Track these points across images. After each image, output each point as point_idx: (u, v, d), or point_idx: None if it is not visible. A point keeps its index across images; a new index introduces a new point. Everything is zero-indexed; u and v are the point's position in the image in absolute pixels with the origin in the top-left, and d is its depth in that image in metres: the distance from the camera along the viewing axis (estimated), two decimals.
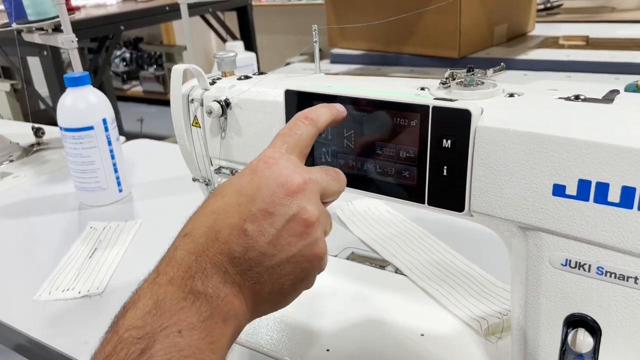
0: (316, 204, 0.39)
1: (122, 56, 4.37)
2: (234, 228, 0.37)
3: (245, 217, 0.37)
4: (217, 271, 0.36)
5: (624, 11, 2.03)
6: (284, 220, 0.37)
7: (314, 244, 0.39)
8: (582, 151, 0.36)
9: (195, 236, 0.37)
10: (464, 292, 0.62)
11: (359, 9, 1.65)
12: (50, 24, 1.09)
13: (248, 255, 0.37)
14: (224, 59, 0.57)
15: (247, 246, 0.37)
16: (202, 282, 0.35)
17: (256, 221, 0.37)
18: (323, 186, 0.40)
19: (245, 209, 0.37)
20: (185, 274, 0.35)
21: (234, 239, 0.37)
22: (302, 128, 0.42)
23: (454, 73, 0.45)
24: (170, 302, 0.34)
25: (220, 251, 0.36)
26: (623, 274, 0.36)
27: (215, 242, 0.37)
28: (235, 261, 0.36)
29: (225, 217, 0.37)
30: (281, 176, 0.38)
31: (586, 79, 1.38)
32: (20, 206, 0.96)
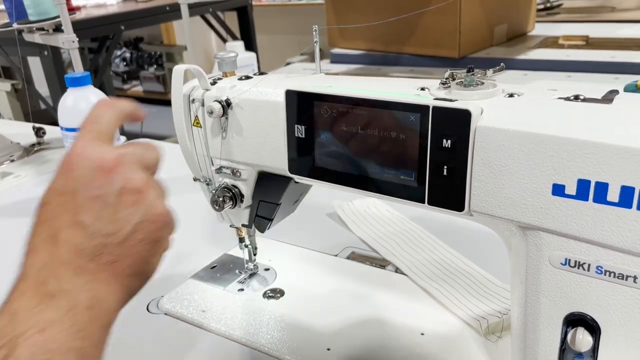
0: (138, 171, 0.40)
1: (122, 56, 4.37)
2: (69, 226, 0.37)
3: (76, 211, 0.37)
4: (68, 267, 0.36)
5: (624, 11, 2.04)
6: (114, 197, 0.38)
7: (152, 205, 0.39)
8: (581, 151, 0.36)
9: (36, 250, 0.38)
10: (464, 291, 0.62)
11: (359, 9, 1.65)
12: (51, 24, 1.09)
13: (93, 242, 0.37)
14: (225, 59, 0.57)
15: (89, 235, 0.37)
16: (56, 282, 0.35)
17: (88, 210, 0.37)
18: (138, 157, 0.41)
19: (72, 204, 0.37)
20: (35, 281, 0.35)
21: (73, 235, 0.37)
22: (102, 115, 0.43)
23: (454, 73, 0.45)
24: (25, 310, 0.34)
25: (65, 251, 0.36)
26: (622, 273, 0.37)
27: (56, 246, 0.37)
28: (84, 252, 0.36)
29: (55, 221, 0.37)
30: (93, 160, 0.39)
31: (586, 79, 1.39)
32: (21, 206, 0.96)
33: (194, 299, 0.65)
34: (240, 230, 0.65)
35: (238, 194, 0.58)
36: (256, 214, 0.59)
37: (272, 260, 0.71)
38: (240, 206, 0.59)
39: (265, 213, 0.59)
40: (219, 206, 0.58)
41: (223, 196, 0.58)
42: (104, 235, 0.37)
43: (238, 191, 0.58)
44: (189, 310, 0.63)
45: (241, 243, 0.66)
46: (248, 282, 0.67)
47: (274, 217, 0.59)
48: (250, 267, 0.69)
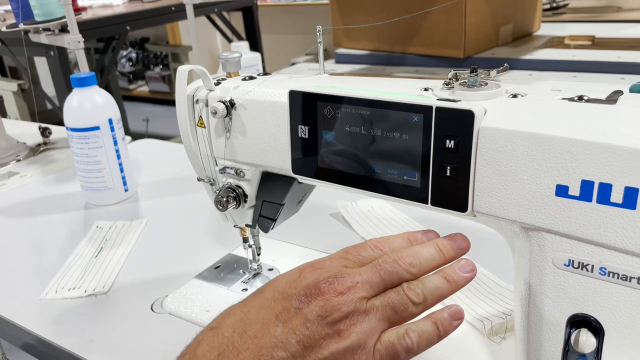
0: (353, 302, 0.36)
1: (128, 56, 4.38)
2: (264, 323, 0.35)
3: (278, 313, 0.35)
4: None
5: (630, 11, 2.03)
6: (318, 321, 0.35)
7: (353, 348, 0.35)
8: (585, 152, 0.36)
9: (221, 329, 0.35)
10: (467, 292, 0.62)
11: (364, 9, 1.65)
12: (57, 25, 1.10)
13: (276, 353, 0.34)
14: (229, 59, 0.57)
15: (277, 342, 0.34)
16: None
17: (289, 319, 0.35)
18: (375, 283, 0.37)
19: (280, 305, 0.36)
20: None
21: (262, 334, 0.34)
22: (367, 252, 0.40)
23: (457, 74, 0.45)
24: None
25: (247, 347, 0.34)
26: (626, 274, 0.37)
27: (242, 336, 0.34)
28: (263, 358, 0.34)
29: (257, 311, 0.36)
30: (321, 278, 0.36)
31: (592, 79, 1.38)
32: (26, 205, 0.96)
33: (198, 299, 0.65)
34: (244, 231, 0.65)
35: (242, 194, 0.58)
36: (260, 214, 0.60)
37: (275, 261, 0.71)
38: (244, 206, 0.59)
39: (269, 213, 0.59)
40: (222, 206, 0.58)
41: (227, 196, 0.58)
42: (289, 352, 0.34)
43: (242, 191, 0.58)
44: (192, 310, 0.63)
45: (245, 243, 0.66)
46: (252, 282, 0.68)
47: (278, 218, 0.59)
48: (254, 267, 0.69)
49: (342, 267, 0.38)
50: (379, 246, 0.40)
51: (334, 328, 0.35)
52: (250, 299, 0.38)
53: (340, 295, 0.36)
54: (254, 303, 0.37)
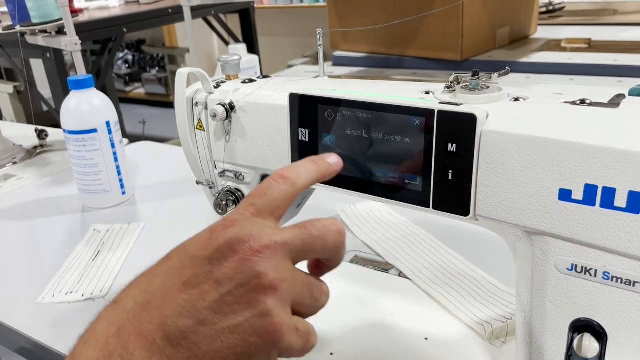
0: (275, 268, 0.33)
1: (124, 58, 4.38)
2: (169, 290, 0.32)
3: (185, 280, 0.32)
4: (142, 343, 0.31)
5: (626, 14, 2.03)
6: (230, 285, 0.32)
7: (266, 314, 0.32)
8: (588, 156, 0.36)
9: (122, 303, 0.33)
10: (467, 295, 0.62)
11: (362, 12, 1.65)
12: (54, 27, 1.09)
13: (182, 322, 0.31)
14: (228, 62, 0.57)
15: (182, 311, 0.31)
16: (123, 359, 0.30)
17: (198, 284, 0.32)
18: (295, 247, 0.34)
19: (188, 271, 0.33)
20: (101, 353, 0.30)
21: (167, 303, 0.32)
22: (274, 189, 0.37)
23: (458, 77, 0.45)
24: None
25: (150, 318, 0.31)
26: (629, 279, 0.36)
27: (144, 307, 0.32)
28: (167, 329, 0.31)
29: (162, 279, 0.33)
30: (235, 239, 0.33)
31: (589, 82, 1.38)
32: (23, 208, 0.96)
33: None
34: None
35: (241, 197, 0.58)
36: None
37: None
38: None
39: None
40: (222, 210, 0.58)
41: (226, 200, 0.57)
42: (197, 319, 0.31)
43: (241, 195, 0.58)
44: None
45: None
46: None
47: None
48: None
49: (255, 221, 0.35)
50: (286, 174, 0.37)
51: (248, 292, 0.32)
52: (157, 267, 0.35)
53: (256, 255, 0.33)
54: (159, 271, 0.34)
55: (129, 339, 0.31)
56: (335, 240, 0.36)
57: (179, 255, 0.35)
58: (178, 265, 0.34)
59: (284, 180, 0.37)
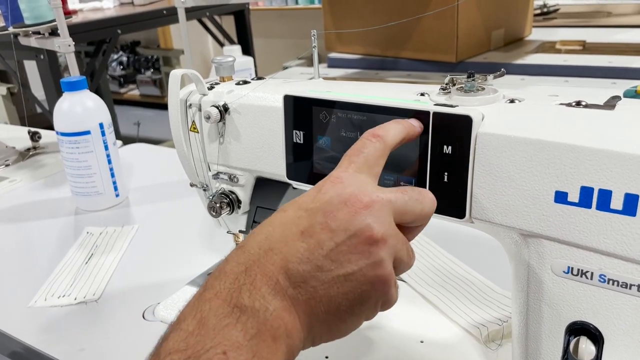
0: (384, 223, 0.36)
1: (119, 60, 4.36)
2: (289, 239, 0.35)
3: (303, 229, 0.35)
4: (267, 281, 0.33)
5: (620, 16, 2.04)
6: (344, 235, 0.35)
7: (378, 264, 0.35)
8: (584, 158, 0.35)
9: (248, 247, 0.36)
10: (463, 298, 0.62)
11: (357, 14, 1.65)
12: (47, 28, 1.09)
13: (302, 267, 0.34)
14: (222, 63, 0.56)
15: (302, 257, 0.34)
16: (249, 294, 0.33)
17: (314, 234, 0.35)
18: (397, 206, 0.37)
19: (305, 221, 0.36)
20: (232, 285, 0.33)
21: (288, 250, 0.35)
22: (368, 146, 0.40)
23: (454, 78, 0.44)
24: (214, 319, 0.32)
25: (273, 262, 0.34)
26: (626, 281, 0.36)
27: (268, 253, 0.35)
28: (289, 272, 0.34)
29: (282, 229, 0.36)
30: (345, 193, 0.36)
31: (583, 84, 1.38)
32: (16, 211, 0.95)
33: None
34: (237, 236, 0.64)
35: (235, 199, 0.58)
36: (254, 220, 0.59)
37: None
38: (237, 212, 0.58)
39: (263, 219, 0.58)
40: (216, 212, 0.57)
41: (220, 202, 0.57)
42: (315, 266, 0.34)
43: (235, 197, 0.58)
44: None
45: None
46: None
47: None
48: None
49: (359, 177, 0.38)
50: (377, 133, 0.40)
51: (362, 243, 0.35)
52: (275, 218, 0.37)
53: (366, 208, 0.35)
54: (279, 222, 0.37)
55: (255, 277, 0.33)
56: (431, 207, 0.39)
57: (293, 208, 0.37)
58: (294, 216, 0.36)
59: (377, 138, 0.40)
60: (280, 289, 0.34)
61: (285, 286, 0.34)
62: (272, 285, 0.33)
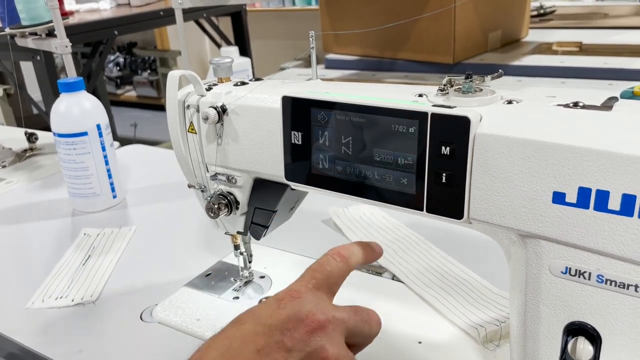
0: (337, 344, 0.37)
1: (115, 61, 4.36)
2: (245, 357, 0.36)
3: (260, 348, 0.36)
4: None
5: (617, 17, 2.05)
6: (299, 356, 0.36)
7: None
8: (582, 159, 0.36)
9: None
10: (461, 299, 0.62)
11: (354, 15, 1.65)
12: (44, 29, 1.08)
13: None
14: (220, 64, 0.56)
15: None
16: None
17: (270, 353, 0.36)
18: (349, 326, 0.39)
19: (261, 339, 0.36)
20: None
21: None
22: (332, 264, 0.41)
23: (451, 80, 0.45)
24: None
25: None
26: (623, 282, 0.36)
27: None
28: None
29: (239, 346, 0.36)
30: (302, 311, 0.38)
31: (580, 85, 1.39)
32: (12, 212, 0.95)
33: (189, 307, 0.64)
34: (235, 238, 0.64)
35: (233, 201, 0.58)
36: (252, 221, 0.59)
37: (267, 268, 0.71)
38: (235, 213, 0.58)
39: (261, 220, 0.58)
40: (214, 213, 0.57)
41: (218, 203, 0.57)
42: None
43: (233, 198, 0.58)
44: (183, 318, 0.62)
45: (236, 250, 0.66)
46: (243, 290, 0.67)
47: (270, 225, 0.58)
48: (245, 274, 0.68)
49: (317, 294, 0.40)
50: (342, 253, 0.43)
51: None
52: (231, 331, 0.38)
53: (321, 328, 0.37)
54: (235, 336, 0.38)
55: None
56: (377, 329, 0.41)
57: (251, 321, 0.38)
58: (252, 331, 0.37)
59: (341, 259, 0.42)
60: None
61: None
62: None
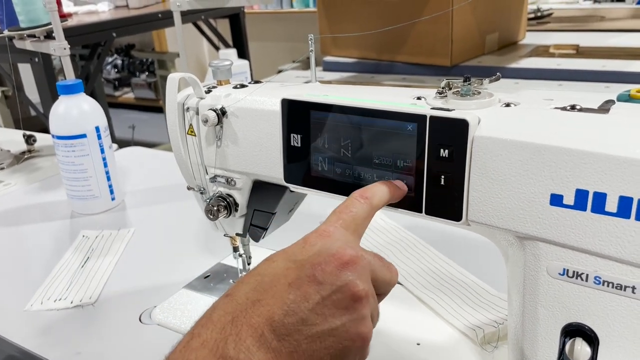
0: (367, 281, 0.38)
1: (113, 63, 4.35)
2: (277, 290, 0.36)
3: (291, 281, 0.36)
4: (253, 333, 0.34)
5: (614, 20, 2.06)
6: (330, 289, 0.36)
7: (360, 321, 0.37)
8: (579, 161, 0.36)
9: (236, 297, 0.37)
10: (459, 300, 0.62)
11: (352, 17, 1.65)
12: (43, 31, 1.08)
13: (288, 319, 0.35)
14: (220, 67, 0.57)
15: (288, 310, 0.35)
16: (234, 345, 0.34)
17: (302, 286, 0.36)
18: (374, 268, 0.39)
19: (293, 272, 0.37)
20: (219, 335, 0.34)
21: (275, 302, 0.36)
22: (357, 206, 0.42)
23: (450, 82, 0.45)
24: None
25: (259, 313, 0.35)
26: (620, 283, 0.37)
27: (255, 304, 0.36)
28: (274, 324, 0.35)
29: (270, 280, 0.37)
30: (333, 247, 0.38)
31: (577, 88, 1.39)
32: (11, 214, 0.95)
33: (187, 309, 0.64)
34: (234, 240, 0.64)
35: (233, 203, 0.58)
36: (251, 223, 0.59)
37: None
38: (234, 215, 0.59)
39: (260, 222, 0.58)
40: (213, 215, 0.57)
41: (217, 205, 0.57)
42: (299, 319, 0.35)
43: (233, 200, 0.58)
44: (182, 320, 0.62)
45: (235, 252, 0.66)
46: None
47: (269, 226, 0.58)
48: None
49: (345, 233, 0.40)
50: (365, 194, 0.43)
51: (346, 299, 0.36)
52: (263, 268, 0.38)
53: (351, 264, 0.37)
54: (267, 272, 0.38)
55: (241, 328, 0.35)
56: (396, 278, 0.42)
57: (282, 259, 0.38)
58: (282, 267, 0.38)
59: (365, 200, 0.42)
60: (265, 342, 0.35)
61: (270, 339, 0.35)
62: (257, 337, 0.34)
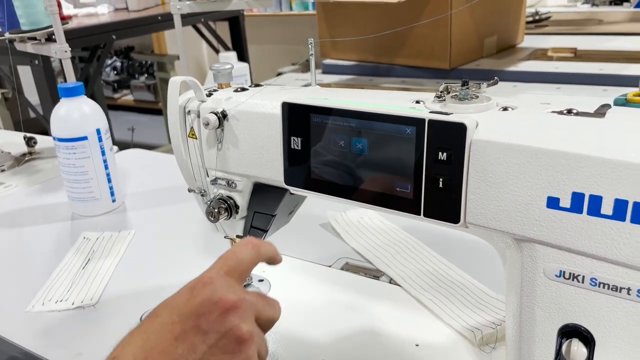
0: (251, 322, 0.39)
1: (113, 65, 4.36)
2: (164, 347, 0.37)
3: (177, 335, 0.37)
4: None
5: (611, 24, 2.07)
6: (216, 337, 0.37)
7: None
8: (575, 164, 0.37)
9: (122, 359, 0.37)
10: (457, 302, 0.62)
11: (351, 21, 1.66)
12: (43, 34, 1.09)
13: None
14: (221, 70, 0.57)
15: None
16: None
17: (187, 338, 0.37)
18: (258, 308, 0.41)
19: (178, 327, 0.38)
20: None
21: (163, 358, 0.36)
22: (244, 252, 0.43)
23: (448, 86, 0.45)
24: None
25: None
26: (616, 285, 0.37)
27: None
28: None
29: (156, 337, 0.38)
30: (216, 295, 0.39)
31: (575, 91, 1.40)
32: (12, 216, 0.95)
33: None
34: (234, 241, 0.64)
35: (233, 205, 0.58)
36: (251, 225, 0.59)
37: (266, 271, 0.71)
38: (235, 217, 0.59)
39: (260, 224, 0.59)
40: (214, 217, 0.58)
41: (218, 207, 0.58)
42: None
43: (233, 202, 0.58)
44: None
45: None
46: None
47: (269, 228, 0.59)
48: None
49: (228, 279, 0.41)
50: (254, 241, 0.45)
51: (231, 343, 0.38)
52: (148, 324, 0.39)
53: (234, 309, 0.39)
54: (152, 328, 0.39)
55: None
56: (279, 314, 0.43)
57: (167, 312, 0.39)
58: (167, 321, 0.38)
59: (253, 246, 0.44)
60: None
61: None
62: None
